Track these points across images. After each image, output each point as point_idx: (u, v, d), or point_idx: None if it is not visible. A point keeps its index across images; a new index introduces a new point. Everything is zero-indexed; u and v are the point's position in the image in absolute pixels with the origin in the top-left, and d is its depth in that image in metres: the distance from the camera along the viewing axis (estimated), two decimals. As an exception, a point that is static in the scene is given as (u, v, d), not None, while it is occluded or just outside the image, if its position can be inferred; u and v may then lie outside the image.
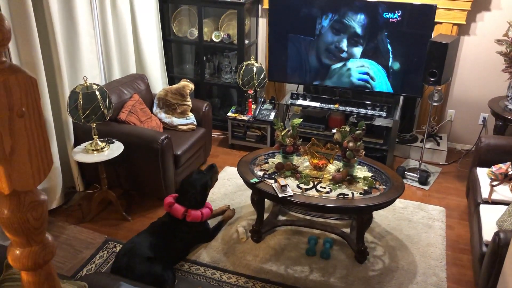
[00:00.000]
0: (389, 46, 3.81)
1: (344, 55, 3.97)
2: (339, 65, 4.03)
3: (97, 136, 3.15)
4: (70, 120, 3.34)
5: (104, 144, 3.18)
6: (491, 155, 3.21)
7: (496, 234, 2.30)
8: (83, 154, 3.12)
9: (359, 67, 3.97)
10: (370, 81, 3.99)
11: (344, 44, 3.94)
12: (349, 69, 4.01)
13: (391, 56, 3.84)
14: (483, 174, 3.12)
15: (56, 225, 3.26)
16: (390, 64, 3.87)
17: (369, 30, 3.81)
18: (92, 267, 2.86)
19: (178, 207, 2.88)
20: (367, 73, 3.97)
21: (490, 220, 2.65)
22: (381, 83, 3.97)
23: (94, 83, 3.06)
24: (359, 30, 3.84)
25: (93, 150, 3.13)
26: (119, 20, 3.84)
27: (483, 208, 2.80)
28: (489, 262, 2.34)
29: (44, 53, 3.10)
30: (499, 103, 3.82)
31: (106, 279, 2.11)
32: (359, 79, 4.02)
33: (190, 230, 2.91)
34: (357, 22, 3.82)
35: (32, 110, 0.80)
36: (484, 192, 2.95)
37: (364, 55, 3.92)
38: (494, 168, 3.06)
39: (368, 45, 3.88)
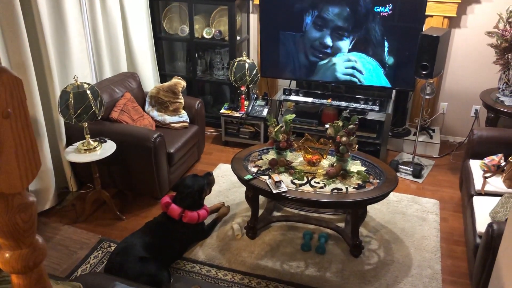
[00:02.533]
0: (383, 40, 3.81)
1: (331, 49, 3.97)
2: (327, 60, 4.02)
3: (89, 136, 3.13)
4: (61, 120, 3.32)
5: (96, 143, 3.16)
6: (483, 147, 3.22)
7: (490, 225, 2.31)
8: (75, 154, 3.10)
9: (346, 62, 3.97)
10: (358, 74, 3.98)
11: (333, 38, 3.93)
12: (334, 64, 4.01)
13: (386, 50, 3.84)
14: (476, 166, 3.14)
15: (50, 226, 3.24)
16: (385, 59, 3.87)
17: (360, 24, 3.81)
18: (87, 267, 2.85)
19: (175, 207, 2.87)
20: (353, 67, 3.97)
21: (483, 212, 2.66)
22: (374, 77, 3.97)
23: (85, 82, 3.04)
24: (348, 24, 3.84)
25: (85, 149, 3.10)
26: (109, 18, 3.81)
27: (476, 200, 2.82)
28: (483, 253, 2.35)
29: (33, 53, 3.06)
30: (490, 95, 3.84)
31: (101, 279, 2.10)
32: (344, 74, 4.02)
33: (186, 230, 2.90)
34: (347, 16, 3.81)
35: (18, 111, 0.79)
36: (477, 184, 2.96)
37: (355, 49, 3.91)
38: (486, 160, 3.07)
39: (359, 39, 3.87)
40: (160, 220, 2.91)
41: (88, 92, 2.96)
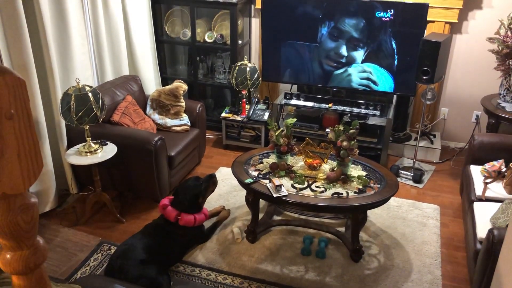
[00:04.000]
0: (392, 45, 3.82)
1: (340, 57, 3.98)
2: (336, 66, 4.03)
3: (90, 138, 3.13)
4: (63, 122, 3.32)
5: (97, 146, 3.16)
6: (484, 152, 3.22)
7: (490, 231, 2.31)
8: (76, 156, 3.10)
9: (356, 67, 3.98)
10: (371, 84, 3.99)
11: (338, 45, 3.95)
12: (349, 74, 4.02)
13: (394, 56, 3.85)
14: (476, 171, 3.13)
15: (50, 228, 3.24)
16: (392, 64, 3.88)
17: (358, 28, 3.82)
18: (86, 269, 2.84)
19: (171, 209, 2.87)
20: (367, 78, 3.98)
21: (484, 218, 2.66)
22: (382, 84, 3.97)
23: (86, 85, 3.04)
24: (349, 29, 3.85)
25: (86, 152, 3.11)
26: (111, 21, 3.83)
27: (477, 205, 2.82)
28: (484, 259, 2.35)
29: (35, 55, 3.07)
30: (491, 101, 3.84)
31: (100, 282, 2.10)
32: (359, 84, 4.03)
33: (185, 233, 2.90)
34: (347, 21, 3.82)
35: (21, 112, 0.79)
36: (478, 190, 2.96)
37: (359, 54, 3.93)
38: (487, 166, 3.07)
39: (359, 44, 3.88)
40: (158, 222, 2.91)
41: (90, 94, 2.97)
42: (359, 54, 3.92)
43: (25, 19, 2.91)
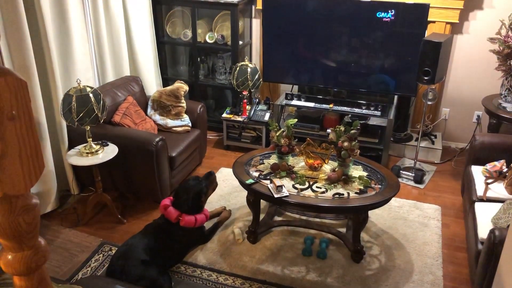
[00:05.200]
0: (393, 45, 3.82)
1: (338, 54, 3.98)
2: (337, 66, 4.03)
3: (91, 139, 3.13)
4: (64, 123, 3.32)
5: (98, 147, 3.16)
6: (485, 153, 3.22)
7: (491, 231, 2.30)
8: (77, 157, 3.10)
9: (350, 67, 3.98)
10: (368, 82, 3.99)
11: (339, 45, 3.95)
12: (350, 74, 4.02)
13: (396, 56, 3.85)
14: (477, 172, 3.13)
15: (51, 229, 3.24)
16: (393, 65, 3.88)
17: (363, 30, 3.82)
18: (87, 270, 2.84)
19: (172, 210, 2.87)
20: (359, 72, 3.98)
21: (485, 218, 2.66)
22: (382, 83, 3.97)
23: (87, 86, 3.05)
24: (350, 29, 3.85)
25: (87, 153, 3.11)
26: (112, 22, 3.83)
27: (478, 206, 2.81)
28: (485, 260, 2.34)
29: (37, 56, 3.08)
30: (492, 101, 3.84)
31: (101, 283, 2.10)
32: (360, 84, 4.03)
33: (185, 233, 2.89)
34: (348, 22, 3.82)
35: (22, 113, 0.79)
36: (479, 190, 2.96)
37: (360, 55, 3.93)
38: (488, 166, 3.07)
39: (364, 45, 3.88)
40: (159, 222, 2.91)
41: (91, 95, 2.97)
42: (360, 54, 3.92)
43: (26, 20, 2.91)
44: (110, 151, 3.16)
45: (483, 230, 2.54)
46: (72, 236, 3.18)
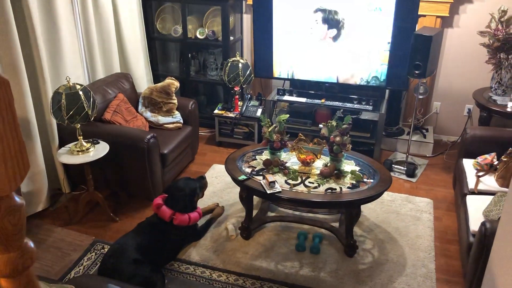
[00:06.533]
0: (384, 39, 3.81)
1: (327, 47, 3.97)
2: (328, 60, 4.03)
3: (82, 137, 3.11)
4: (54, 122, 3.29)
5: (89, 144, 3.14)
6: (476, 146, 3.23)
7: (483, 224, 2.32)
8: (68, 156, 3.08)
9: (340, 60, 3.98)
10: (357, 75, 3.99)
11: (329, 38, 3.94)
12: (342, 67, 4.01)
13: (387, 50, 3.84)
14: (469, 165, 3.15)
15: (42, 228, 3.22)
16: (384, 58, 3.88)
17: (350, 23, 3.81)
18: (80, 269, 2.83)
19: (166, 209, 2.86)
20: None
21: (476, 211, 2.67)
22: (372, 78, 3.97)
23: (77, 83, 3.02)
24: (341, 23, 3.84)
25: (78, 151, 3.08)
26: (102, 19, 3.79)
27: (469, 198, 2.83)
28: (476, 252, 2.36)
29: (25, 53, 3.04)
30: (483, 94, 3.86)
31: (94, 281, 2.08)
32: (351, 78, 4.02)
33: (179, 231, 2.89)
34: (339, 15, 3.81)
35: (5, 112, 0.77)
36: (471, 183, 2.97)
37: (350, 48, 3.92)
38: (479, 159, 3.09)
39: (355, 38, 3.88)
40: (152, 220, 2.89)
41: (81, 93, 2.94)
42: (351, 48, 3.91)
43: (14, 17, 2.87)
44: (101, 149, 3.14)
45: (475, 223, 2.55)
46: (64, 235, 3.16)
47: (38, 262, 2.88)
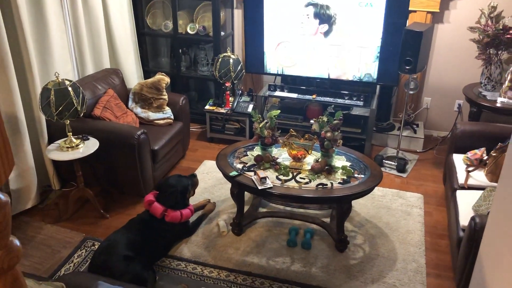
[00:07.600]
0: (374, 35, 3.81)
1: (319, 43, 3.97)
2: (319, 56, 4.02)
3: (71, 133, 3.08)
4: (43, 118, 3.26)
5: (78, 141, 3.11)
6: (466, 141, 3.25)
7: (472, 218, 2.34)
8: (57, 152, 3.05)
9: (332, 56, 3.98)
10: (347, 73, 3.99)
11: (320, 34, 3.93)
12: (333, 63, 4.01)
13: (378, 46, 3.85)
14: (459, 160, 3.17)
15: (32, 225, 3.19)
16: (375, 54, 3.88)
17: (341, 18, 3.81)
18: (70, 266, 2.81)
19: (158, 206, 2.84)
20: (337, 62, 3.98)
21: (466, 205, 2.69)
22: (365, 74, 3.98)
23: (66, 79, 2.98)
24: (332, 18, 3.83)
25: (67, 147, 3.05)
26: (91, 14, 3.75)
27: (459, 193, 2.85)
28: (466, 246, 2.38)
29: (12, 49, 2.99)
30: (473, 90, 3.88)
31: (84, 279, 2.07)
32: (342, 73, 4.02)
33: (170, 228, 2.88)
34: (331, 10, 3.81)
35: (-12, 109, 0.76)
36: (461, 178, 2.99)
37: (340, 43, 3.92)
38: (469, 154, 3.11)
39: (342, 33, 3.87)
40: (143, 217, 2.88)
41: (70, 89, 2.91)
42: (343, 43, 3.91)
43: (1, 11, 2.83)
44: (91, 145, 3.11)
45: (464, 218, 2.57)
46: (54, 232, 3.13)
47: (28, 259, 2.85)
